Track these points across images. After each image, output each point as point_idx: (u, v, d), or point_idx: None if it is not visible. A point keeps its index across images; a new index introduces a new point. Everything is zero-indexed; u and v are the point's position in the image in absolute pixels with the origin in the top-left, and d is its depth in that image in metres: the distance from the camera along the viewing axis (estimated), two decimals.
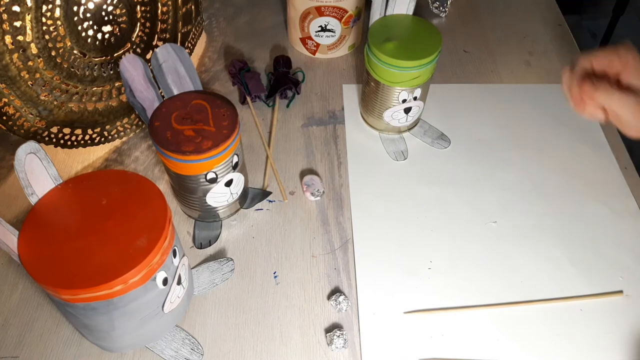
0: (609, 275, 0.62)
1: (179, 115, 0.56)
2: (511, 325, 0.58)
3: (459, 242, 0.64)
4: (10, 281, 0.60)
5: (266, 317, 0.58)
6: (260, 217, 0.66)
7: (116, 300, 0.45)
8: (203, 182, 0.58)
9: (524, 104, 0.80)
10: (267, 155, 0.72)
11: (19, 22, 0.59)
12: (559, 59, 0.88)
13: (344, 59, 0.87)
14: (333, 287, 0.60)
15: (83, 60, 0.67)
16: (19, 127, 0.62)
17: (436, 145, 0.74)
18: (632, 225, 0.66)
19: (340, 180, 0.70)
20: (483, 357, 0.55)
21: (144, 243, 0.45)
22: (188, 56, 0.58)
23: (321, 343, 0.56)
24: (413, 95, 0.69)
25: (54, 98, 0.65)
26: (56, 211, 0.48)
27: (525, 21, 0.95)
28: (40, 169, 0.47)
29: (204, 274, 0.60)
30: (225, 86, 0.82)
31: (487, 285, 0.61)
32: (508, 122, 0.78)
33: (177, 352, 0.54)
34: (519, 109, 0.80)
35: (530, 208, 0.68)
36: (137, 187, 0.49)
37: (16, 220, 0.65)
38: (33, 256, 0.44)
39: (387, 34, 0.67)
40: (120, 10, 0.69)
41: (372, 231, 0.65)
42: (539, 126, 0.77)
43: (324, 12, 0.80)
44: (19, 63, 0.60)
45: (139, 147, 0.73)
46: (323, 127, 0.76)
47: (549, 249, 0.64)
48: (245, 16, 0.94)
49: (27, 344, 0.56)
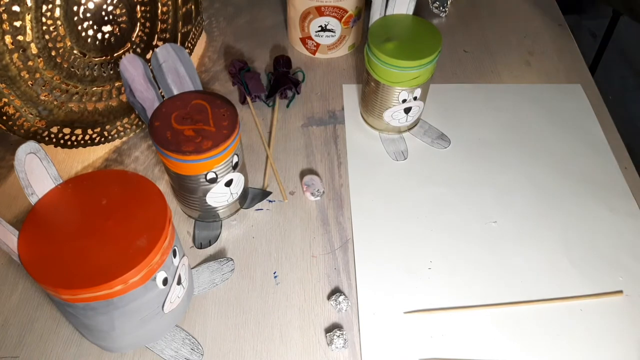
0: (609, 275, 0.62)
1: (179, 115, 0.56)
2: (511, 325, 0.58)
3: (459, 242, 0.64)
4: (10, 281, 0.60)
5: (266, 317, 0.58)
6: (260, 217, 0.66)
7: (116, 300, 0.45)
8: (203, 182, 0.58)
9: (524, 104, 0.80)
10: (267, 155, 0.72)
11: (19, 22, 0.59)
12: (559, 59, 0.88)
13: (344, 59, 0.87)
14: (333, 287, 0.60)
15: (83, 60, 0.67)
16: (19, 127, 0.62)
17: (436, 145, 0.74)
18: (632, 225, 0.66)
19: (340, 180, 0.70)
20: (483, 357, 0.55)
21: (144, 243, 0.45)
22: (188, 56, 0.58)
23: (321, 343, 0.56)
24: (413, 95, 0.69)
25: (54, 98, 0.65)
26: (56, 211, 0.48)
27: (525, 21, 0.95)
28: (40, 169, 0.47)
29: (204, 274, 0.60)
30: (225, 86, 0.82)
31: (487, 285, 0.61)
32: (508, 122, 0.78)
33: (177, 352, 0.54)
34: (519, 109, 0.80)
35: (530, 208, 0.68)
36: (137, 187, 0.49)
37: (16, 220, 0.65)
38: (33, 256, 0.44)
39: (387, 34, 0.67)
40: (120, 10, 0.69)
41: (372, 231, 0.65)
42: (539, 126, 0.77)
43: (324, 12, 0.80)
44: (19, 63, 0.60)
45: (139, 147, 0.73)
46: (323, 127, 0.76)
47: (549, 249, 0.64)
48: (245, 16, 0.94)
49: (27, 344, 0.56)
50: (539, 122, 0.78)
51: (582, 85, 0.83)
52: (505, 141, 0.75)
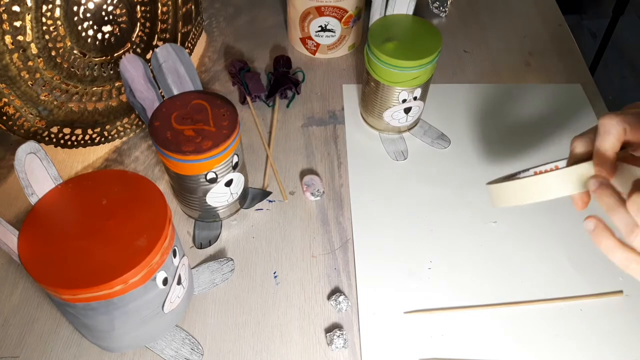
0: (609, 275, 0.62)
1: (179, 115, 0.56)
2: (511, 325, 0.58)
3: (459, 242, 0.64)
4: (10, 281, 0.60)
5: (266, 317, 0.58)
6: (260, 217, 0.66)
7: (116, 300, 0.45)
8: (203, 182, 0.58)
9: (524, 104, 0.80)
10: (267, 155, 0.72)
11: (19, 22, 0.59)
12: (559, 59, 0.88)
13: (344, 59, 0.87)
14: (333, 287, 0.60)
15: (83, 60, 0.67)
16: (19, 127, 0.62)
17: (436, 145, 0.74)
18: None
19: (340, 180, 0.70)
20: (483, 357, 0.55)
21: (144, 243, 0.45)
22: (188, 56, 0.58)
23: (321, 343, 0.56)
24: (413, 95, 0.69)
25: (54, 98, 0.65)
26: (56, 211, 0.48)
27: (525, 21, 0.95)
28: (40, 169, 0.47)
29: (204, 274, 0.60)
30: (225, 86, 0.82)
31: (487, 285, 0.61)
32: (508, 122, 0.78)
33: (177, 352, 0.54)
34: (519, 109, 0.80)
35: (530, 208, 0.68)
36: (137, 187, 0.49)
37: (16, 220, 0.65)
38: (33, 256, 0.44)
39: (387, 34, 0.67)
40: (120, 10, 0.69)
41: (372, 231, 0.65)
42: (539, 126, 0.77)
43: (324, 12, 0.80)
44: (19, 63, 0.60)
45: (139, 147, 0.73)
46: (323, 127, 0.76)
47: (549, 248, 0.64)
48: (245, 16, 0.94)
49: (27, 344, 0.56)
50: (539, 122, 0.78)
51: (582, 85, 0.83)
52: (505, 141, 0.75)
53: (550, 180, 0.41)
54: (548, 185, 0.41)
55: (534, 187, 0.42)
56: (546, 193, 0.41)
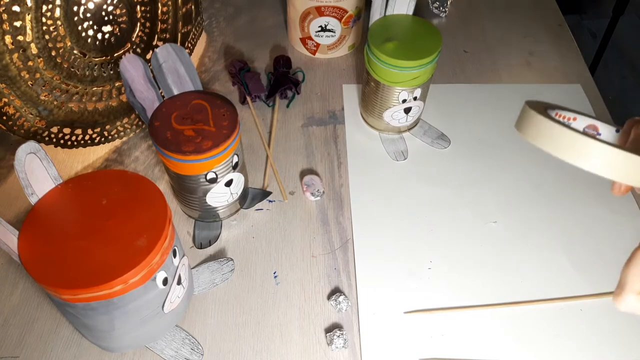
0: (609, 275, 0.62)
1: (179, 115, 0.56)
2: (511, 325, 0.58)
3: (459, 242, 0.64)
4: (10, 281, 0.60)
5: (266, 317, 0.58)
6: (260, 217, 0.66)
7: (116, 300, 0.45)
8: (203, 182, 0.58)
9: None
10: (267, 155, 0.72)
11: (19, 22, 0.59)
12: (559, 59, 0.88)
13: (344, 59, 0.87)
14: (333, 287, 0.60)
15: (83, 60, 0.67)
16: (19, 127, 0.62)
17: (436, 145, 0.74)
18: (632, 225, 0.66)
19: (340, 180, 0.70)
20: (483, 357, 0.55)
21: (144, 243, 0.45)
22: (188, 56, 0.58)
23: (321, 343, 0.56)
24: (413, 95, 0.69)
25: (54, 98, 0.65)
26: (56, 211, 0.48)
27: (525, 21, 0.95)
28: (40, 169, 0.47)
29: (204, 274, 0.60)
30: (225, 86, 0.82)
31: (487, 285, 0.61)
32: (508, 122, 0.78)
33: (177, 352, 0.54)
34: (519, 109, 0.79)
35: (530, 208, 0.68)
36: (137, 187, 0.49)
37: (16, 220, 0.65)
38: (33, 256, 0.44)
39: (387, 34, 0.67)
40: (120, 10, 0.69)
41: (372, 231, 0.65)
42: None
43: (324, 12, 0.80)
44: (19, 63, 0.60)
45: (139, 147, 0.73)
46: (323, 127, 0.76)
47: (549, 248, 0.64)
48: (245, 16, 0.94)
49: (27, 344, 0.56)
50: None
51: (582, 85, 0.83)
52: (505, 141, 0.75)
53: (603, 155, 0.34)
54: (594, 156, 0.34)
55: (578, 147, 0.34)
56: (588, 164, 0.34)
